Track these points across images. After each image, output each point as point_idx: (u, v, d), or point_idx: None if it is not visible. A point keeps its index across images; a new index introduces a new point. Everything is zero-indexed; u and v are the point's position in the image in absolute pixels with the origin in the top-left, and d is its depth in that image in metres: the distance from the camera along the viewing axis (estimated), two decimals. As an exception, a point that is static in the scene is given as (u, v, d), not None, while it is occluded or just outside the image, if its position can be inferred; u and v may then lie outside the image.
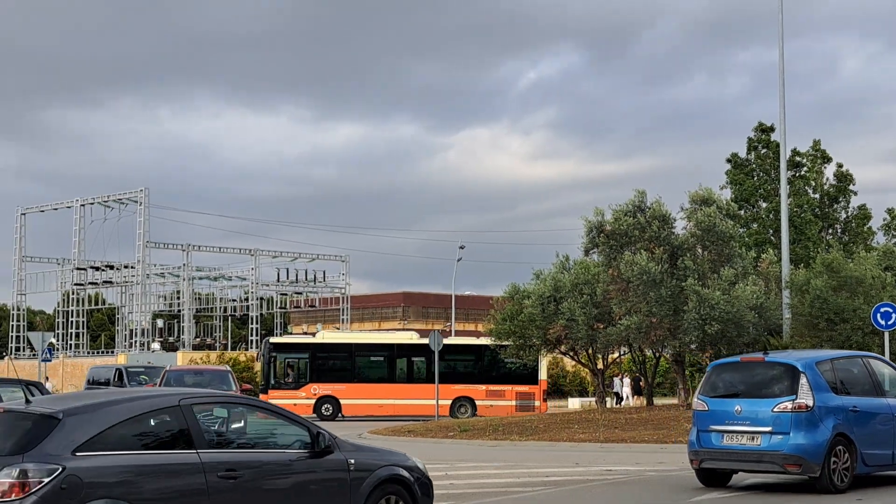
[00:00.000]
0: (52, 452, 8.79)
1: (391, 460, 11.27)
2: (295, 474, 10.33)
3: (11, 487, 8.55)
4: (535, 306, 39.04)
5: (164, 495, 9.25)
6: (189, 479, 9.42)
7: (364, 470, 10.79)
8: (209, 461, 9.57)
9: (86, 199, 78.11)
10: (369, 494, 10.73)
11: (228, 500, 9.63)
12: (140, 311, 78.42)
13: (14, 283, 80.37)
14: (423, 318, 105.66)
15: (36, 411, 9.32)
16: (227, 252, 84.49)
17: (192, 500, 9.40)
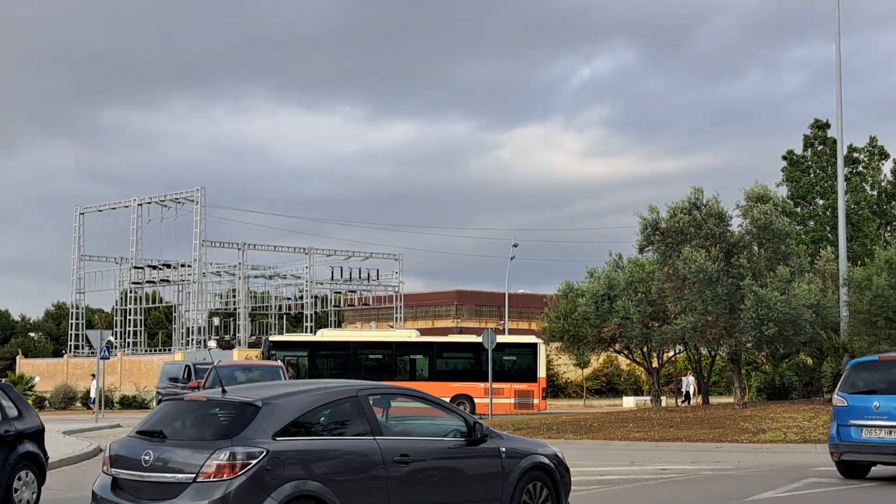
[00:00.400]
0: (256, 437, 9.57)
1: (535, 449, 11.99)
2: (455, 460, 11.05)
3: (222, 468, 9.32)
4: (589, 304, 38.97)
5: (349, 477, 10.04)
6: (370, 463, 10.21)
7: (513, 457, 11.46)
8: (386, 447, 10.36)
9: (143, 198, 79.08)
10: (518, 480, 11.39)
11: (401, 484, 10.38)
12: (196, 310, 79.27)
13: (73, 281, 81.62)
14: (477, 317, 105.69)
15: (237, 400, 10.09)
16: (281, 251, 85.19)
17: (373, 482, 10.20)
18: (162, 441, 9.89)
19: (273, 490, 9.40)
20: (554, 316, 41.53)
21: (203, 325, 79.31)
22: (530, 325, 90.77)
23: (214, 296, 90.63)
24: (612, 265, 40.55)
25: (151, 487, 9.63)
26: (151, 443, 9.91)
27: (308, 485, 9.64)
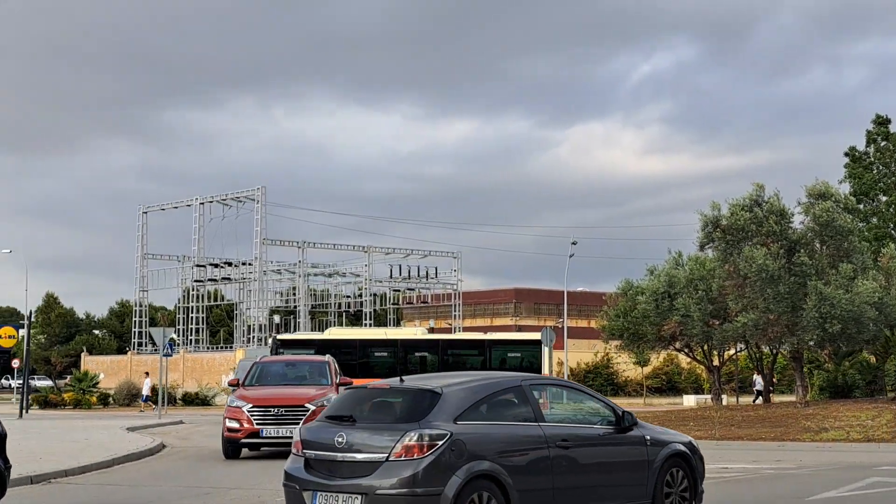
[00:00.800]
0: (439, 421, 10.55)
1: (674, 437, 12.84)
2: (606, 447, 11.92)
3: (412, 449, 10.30)
4: (649, 302, 38.82)
5: (519, 459, 10.95)
6: (536, 447, 11.14)
7: (657, 445, 12.34)
8: (549, 433, 11.31)
9: (205, 197, 79.94)
10: (661, 466, 12.24)
11: (563, 467, 11.26)
12: (257, 307, 80.00)
13: (137, 280, 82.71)
14: (535, 315, 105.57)
15: (420, 387, 11.13)
16: (341, 249, 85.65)
17: (539, 464, 11.09)
18: (352, 425, 10.87)
19: (456, 469, 10.34)
20: (613, 314, 41.44)
21: (264, 323, 79.99)
22: (589, 324, 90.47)
23: (275, 294, 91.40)
24: (672, 263, 40.36)
25: (345, 466, 10.60)
26: (342, 426, 10.87)
27: (485, 465, 10.55)
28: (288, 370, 24.53)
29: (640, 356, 48.82)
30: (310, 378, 23.51)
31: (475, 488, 10.42)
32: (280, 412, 21.61)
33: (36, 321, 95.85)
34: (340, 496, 10.52)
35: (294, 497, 11.00)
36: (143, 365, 75.07)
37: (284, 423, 21.38)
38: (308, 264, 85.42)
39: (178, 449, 26.22)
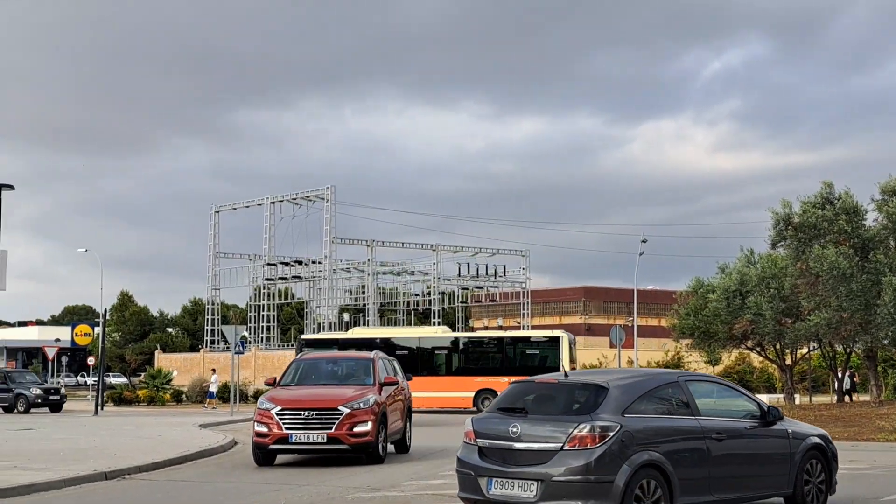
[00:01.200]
0: (609, 414, 11.20)
1: (811, 430, 13.48)
2: (754, 439, 12.58)
3: (585, 439, 10.97)
4: (720, 301, 38.45)
5: (679, 450, 11.60)
6: (694, 439, 11.80)
7: (798, 438, 13.03)
8: (704, 426, 11.95)
9: (275, 197, 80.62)
10: (802, 458, 12.94)
11: (717, 458, 11.90)
12: (327, 305, 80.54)
13: (209, 278, 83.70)
14: (605, 313, 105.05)
15: (589, 382, 11.85)
16: (409, 247, 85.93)
17: (697, 455, 11.77)
18: (524, 416, 11.55)
19: (626, 459, 11.00)
20: (684, 312, 41.10)
21: (334, 321, 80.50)
22: (659, 322, 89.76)
23: (344, 292, 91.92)
24: (743, 261, 39.94)
25: (520, 455, 11.28)
26: (514, 417, 11.57)
27: (650, 455, 11.19)
28: (330, 368, 22.13)
29: (711, 355, 48.31)
30: (353, 377, 21.33)
31: (642, 476, 11.06)
32: (311, 415, 19.35)
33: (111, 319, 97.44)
34: (517, 482, 11.19)
35: (469, 483, 11.72)
36: (216, 362, 75.98)
37: (315, 427, 19.28)
38: (377, 263, 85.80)
39: (249, 445, 26.50)
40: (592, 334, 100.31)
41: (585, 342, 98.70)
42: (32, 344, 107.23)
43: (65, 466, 19.06)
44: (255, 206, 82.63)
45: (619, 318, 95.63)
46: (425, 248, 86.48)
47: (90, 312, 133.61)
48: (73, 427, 34.06)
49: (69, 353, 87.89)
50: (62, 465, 19.25)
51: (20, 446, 24.34)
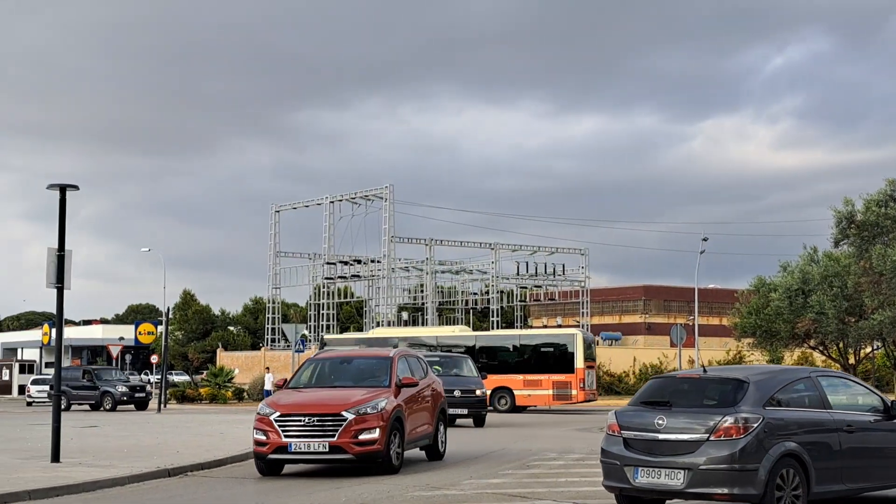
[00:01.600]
0: (751, 406, 11.88)
1: None
2: (879, 432, 13.05)
3: (730, 429, 11.61)
4: (783, 300, 38.02)
5: (814, 442, 12.19)
6: (827, 431, 12.40)
7: None
8: (836, 419, 12.56)
9: (335, 196, 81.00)
10: None
11: (847, 450, 12.46)
12: (386, 304, 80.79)
13: (269, 277, 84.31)
14: (665, 312, 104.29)
15: (728, 377, 12.54)
16: (468, 246, 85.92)
17: (830, 446, 12.34)
18: (668, 409, 12.23)
19: (768, 449, 11.66)
20: (745, 311, 40.68)
21: (392, 320, 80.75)
22: (721, 321, 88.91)
23: (403, 290, 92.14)
24: (806, 259, 39.44)
25: (666, 445, 11.95)
26: (658, 410, 12.27)
27: (790, 445, 11.84)
28: (343, 367, 20.05)
29: (773, 354, 47.80)
30: (368, 377, 19.30)
31: (783, 466, 11.69)
32: (312, 421, 17.52)
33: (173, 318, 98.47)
34: (663, 471, 11.87)
35: (615, 472, 12.36)
36: (276, 360, 76.53)
37: (315, 434, 17.50)
38: (435, 261, 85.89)
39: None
40: (653, 333, 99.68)
41: (646, 341, 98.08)
42: (97, 342, 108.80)
43: (129, 463, 19.34)
44: (314, 205, 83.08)
45: (680, 317, 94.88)
46: (484, 247, 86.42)
47: (153, 311, 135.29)
48: (136, 424, 34.54)
49: (133, 351, 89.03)
50: (126, 462, 19.53)
51: (85, 443, 24.73)
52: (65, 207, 20.29)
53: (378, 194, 77.77)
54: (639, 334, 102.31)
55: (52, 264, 19.92)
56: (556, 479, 17.32)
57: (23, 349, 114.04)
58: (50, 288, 19.97)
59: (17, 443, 25.33)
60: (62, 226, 20.17)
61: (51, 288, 19.97)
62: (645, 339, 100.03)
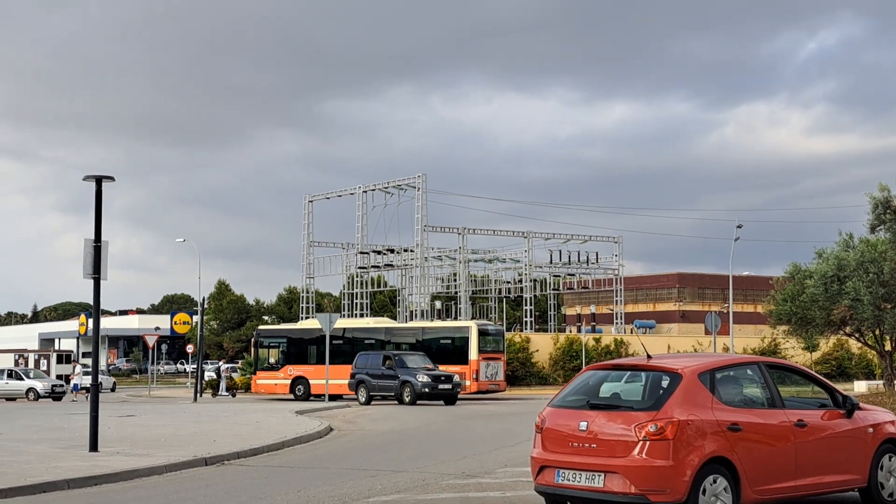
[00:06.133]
0: None
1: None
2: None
3: None
4: (818, 286, 37.75)
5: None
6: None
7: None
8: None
9: (367, 185, 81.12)
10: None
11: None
12: (419, 293, 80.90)
13: (303, 267, 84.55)
14: (699, 299, 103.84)
15: None
16: (500, 235, 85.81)
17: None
18: None
19: None
20: (780, 298, 40.43)
21: (426, 309, 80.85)
22: (755, 308, 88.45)
23: (436, 279, 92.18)
24: (841, 245, 39.13)
25: None
26: None
27: None
28: None
29: (808, 341, 47.53)
30: None
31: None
32: None
33: (209, 308, 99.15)
34: None
35: None
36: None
37: None
38: (468, 250, 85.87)
39: (344, 432, 26.83)
40: (687, 321, 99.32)
41: (680, 329, 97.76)
42: (133, 332, 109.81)
43: (166, 452, 19.52)
44: (347, 195, 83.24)
45: (715, 304, 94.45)
46: (516, 236, 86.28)
47: (188, 301, 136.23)
48: (173, 414, 34.82)
49: (169, 341, 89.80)
50: (163, 451, 19.71)
51: (123, 433, 24.97)
52: (101, 199, 20.45)
53: (410, 183, 77.80)
54: (673, 322, 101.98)
55: (89, 255, 20.09)
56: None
57: (60, 339, 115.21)
58: (87, 278, 20.15)
59: (55, 432, 25.61)
60: (98, 217, 20.33)
61: (87, 278, 20.15)
62: (679, 326, 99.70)
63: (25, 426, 28.43)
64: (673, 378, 11.09)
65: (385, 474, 16.55)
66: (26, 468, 16.92)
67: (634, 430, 10.60)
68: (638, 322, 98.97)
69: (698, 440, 10.61)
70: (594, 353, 62.80)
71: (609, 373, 12.06)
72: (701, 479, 10.57)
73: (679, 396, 10.82)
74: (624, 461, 10.56)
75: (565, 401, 11.62)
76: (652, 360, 11.66)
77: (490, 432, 25.43)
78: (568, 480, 11.02)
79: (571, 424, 11.13)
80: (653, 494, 10.42)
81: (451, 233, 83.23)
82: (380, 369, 42.92)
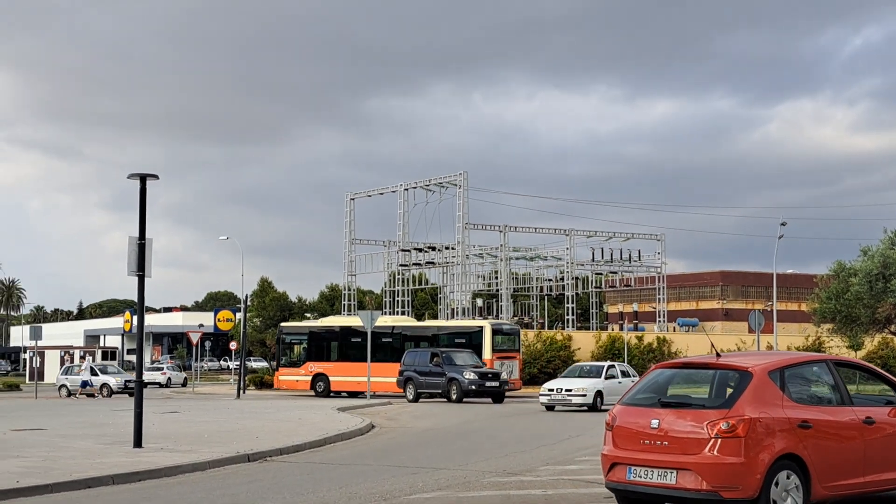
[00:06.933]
0: None
1: None
2: None
3: None
4: (863, 284, 37.41)
5: None
6: None
7: None
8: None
9: (409, 183, 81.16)
10: None
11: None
12: (460, 291, 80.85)
13: (345, 264, 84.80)
14: (743, 297, 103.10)
15: None
16: (542, 232, 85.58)
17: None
18: None
19: None
20: (825, 296, 40.12)
21: (467, 306, 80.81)
22: (799, 306, 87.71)
23: (477, 277, 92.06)
24: (886, 243, 38.76)
25: None
26: None
27: None
28: None
29: (853, 340, 47.07)
30: None
31: None
32: None
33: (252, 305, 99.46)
34: None
35: None
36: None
37: None
38: (509, 248, 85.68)
39: (386, 429, 26.89)
40: (730, 319, 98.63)
41: (723, 327, 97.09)
42: (177, 329, 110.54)
43: (209, 449, 19.64)
44: (388, 192, 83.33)
45: (758, 302, 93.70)
46: (558, 233, 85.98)
47: (232, 298, 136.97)
48: (216, 411, 35.05)
49: (212, 337, 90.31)
50: (206, 448, 19.84)
51: (166, 429, 25.17)
52: (145, 196, 20.61)
53: (452, 181, 77.77)
54: (716, 320, 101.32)
55: (133, 253, 20.25)
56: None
57: (105, 336, 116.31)
58: (131, 276, 20.32)
59: (100, 428, 25.86)
60: (142, 215, 20.48)
61: (132, 276, 20.31)
62: (722, 325, 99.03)
63: (70, 422, 28.73)
64: (743, 376, 11.17)
65: (426, 471, 16.56)
66: (71, 464, 17.10)
67: (706, 427, 10.70)
68: (681, 320, 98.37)
69: (769, 437, 10.72)
70: (636, 352, 62.49)
71: (677, 371, 12.23)
72: (772, 475, 10.69)
73: (750, 394, 10.91)
74: (696, 458, 10.67)
75: (635, 399, 11.73)
76: (721, 359, 11.72)
77: (532, 430, 25.40)
78: (640, 477, 11.11)
79: (642, 422, 11.24)
80: (725, 491, 10.55)
81: (492, 230, 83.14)
82: (427, 366, 42.94)
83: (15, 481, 14.75)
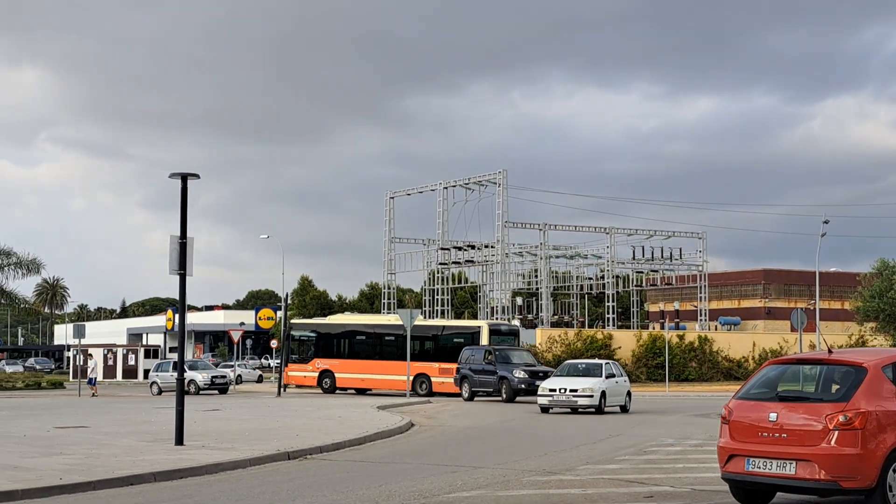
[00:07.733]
0: None
1: None
2: None
3: None
4: (907, 282, 36.97)
5: None
6: None
7: None
8: None
9: (448, 181, 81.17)
10: None
11: None
12: (500, 289, 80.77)
13: (385, 262, 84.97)
14: (785, 296, 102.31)
15: None
16: (582, 231, 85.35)
17: None
18: None
19: None
20: (868, 294, 39.79)
21: (507, 305, 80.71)
22: (843, 305, 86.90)
23: (517, 276, 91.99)
24: (931, 241, 38.27)
25: None
26: None
27: None
28: None
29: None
30: None
31: None
32: None
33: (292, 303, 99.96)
34: None
35: None
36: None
37: None
38: (549, 246, 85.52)
39: (425, 427, 26.91)
40: (773, 318, 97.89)
41: (765, 326, 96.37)
42: (218, 328, 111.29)
43: (250, 446, 19.75)
44: (428, 191, 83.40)
45: (801, 301, 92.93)
46: (598, 231, 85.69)
47: (273, 297, 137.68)
48: (257, 409, 35.24)
49: (253, 336, 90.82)
50: (247, 445, 19.94)
51: (208, 427, 25.33)
52: (186, 196, 20.74)
53: (491, 179, 77.71)
54: (758, 319, 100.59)
55: (175, 251, 20.40)
56: (673, 465, 17.17)
57: (148, 334, 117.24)
58: (173, 274, 20.46)
59: (142, 426, 26.08)
60: (184, 214, 20.62)
61: (174, 274, 20.46)
62: (764, 323, 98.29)
63: (113, 420, 28.99)
64: (858, 371, 11.59)
65: (465, 470, 16.56)
66: (114, 461, 17.25)
67: (825, 420, 11.12)
68: (723, 319, 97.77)
69: (884, 430, 11.13)
70: (677, 350, 62.17)
71: (788, 367, 12.75)
72: (888, 465, 11.08)
73: (865, 388, 11.33)
74: (815, 450, 11.14)
75: (749, 393, 12.20)
76: (834, 355, 12.15)
77: (571, 430, 25.34)
78: (758, 468, 11.57)
79: (759, 415, 11.70)
80: (844, 481, 11.00)
81: (531, 229, 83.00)
82: (481, 364, 42.76)
83: (58, 478, 14.90)
